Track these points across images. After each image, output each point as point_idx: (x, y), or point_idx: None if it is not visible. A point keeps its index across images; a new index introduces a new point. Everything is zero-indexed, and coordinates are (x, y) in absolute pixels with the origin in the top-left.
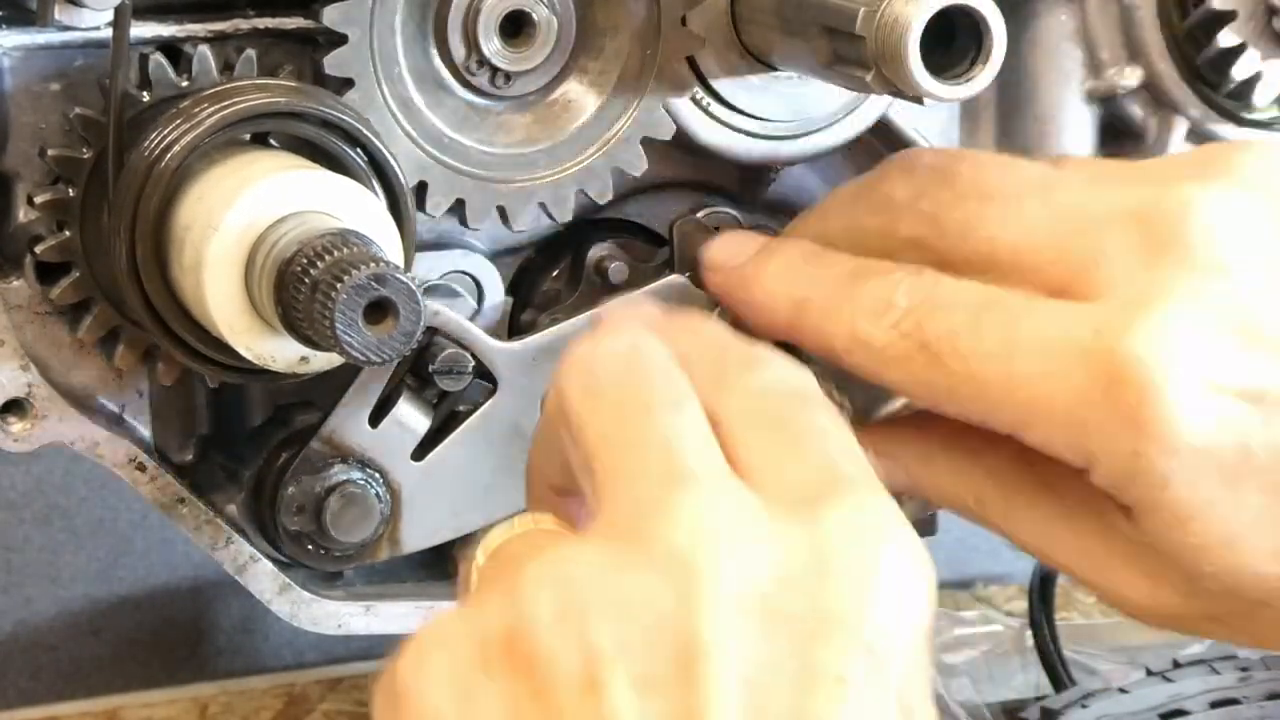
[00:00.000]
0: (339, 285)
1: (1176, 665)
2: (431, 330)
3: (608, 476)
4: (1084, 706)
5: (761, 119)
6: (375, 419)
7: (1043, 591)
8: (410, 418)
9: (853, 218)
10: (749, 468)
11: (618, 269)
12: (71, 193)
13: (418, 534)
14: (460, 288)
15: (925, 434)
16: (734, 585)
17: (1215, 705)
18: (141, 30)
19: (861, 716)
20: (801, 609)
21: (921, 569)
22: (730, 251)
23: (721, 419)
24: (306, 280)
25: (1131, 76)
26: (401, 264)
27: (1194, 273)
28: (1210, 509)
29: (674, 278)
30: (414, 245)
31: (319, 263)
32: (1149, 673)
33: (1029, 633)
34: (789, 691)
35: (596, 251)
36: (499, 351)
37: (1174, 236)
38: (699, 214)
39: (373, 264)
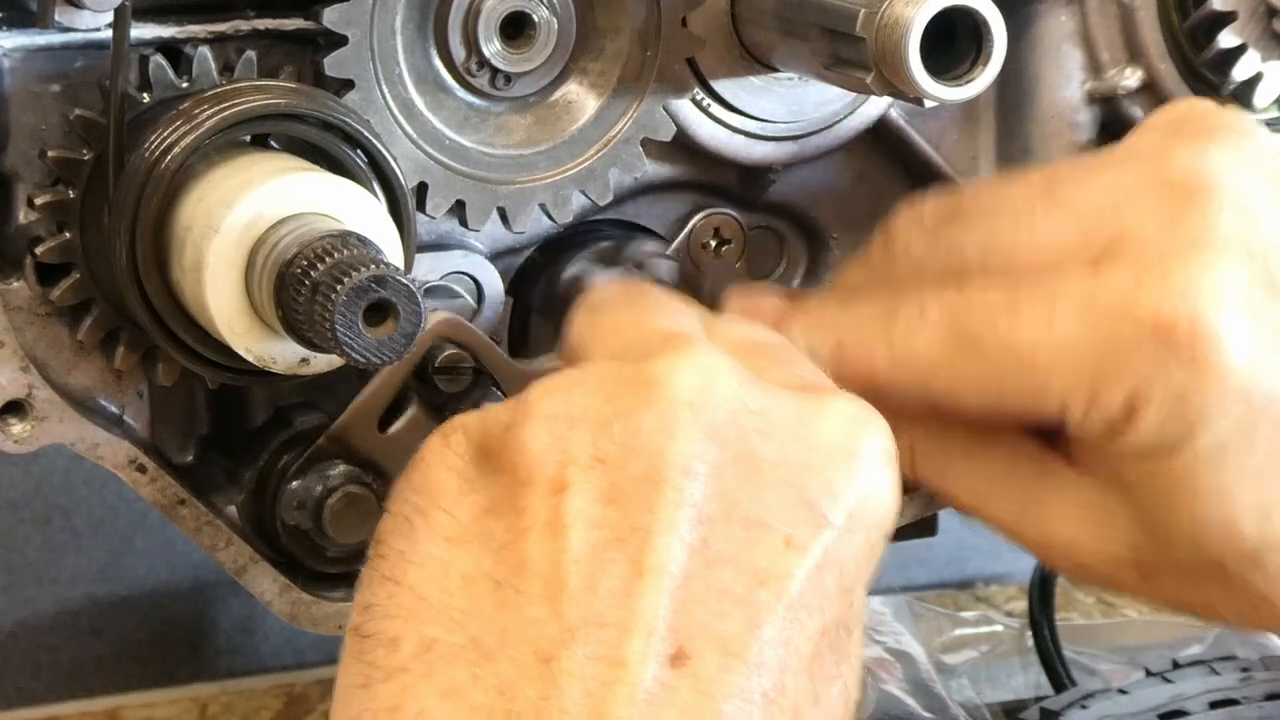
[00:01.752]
0: (339, 287)
1: (1176, 666)
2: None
3: (612, 349)
4: (1084, 707)
5: (761, 120)
6: (384, 424)
7: (1043, 592)
8: (419, 423)
9: (875, 278)
10: None
11: None
12: (71, 194)
13: None
14: (460, 288)
15: (858, 390)
16: (715, 414)
17: (1215, 706)
18: (141, 32)
19: (799, 582)
20: (775, 458)
21: (894, 469)
22: (756, 308)
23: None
24: (307, 282)
25: (1132, 77)
26: (402, 265)
27: (1222, 213)
28: (1223, 455)
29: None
30: (414, 246)
31: (319, 264)
32: (1149, 673)
33: (1029, 633)
34: (737, 537)
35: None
36: (511, 366)
37: (1196, 187)
38: (699, 215)
39: (373, 266)
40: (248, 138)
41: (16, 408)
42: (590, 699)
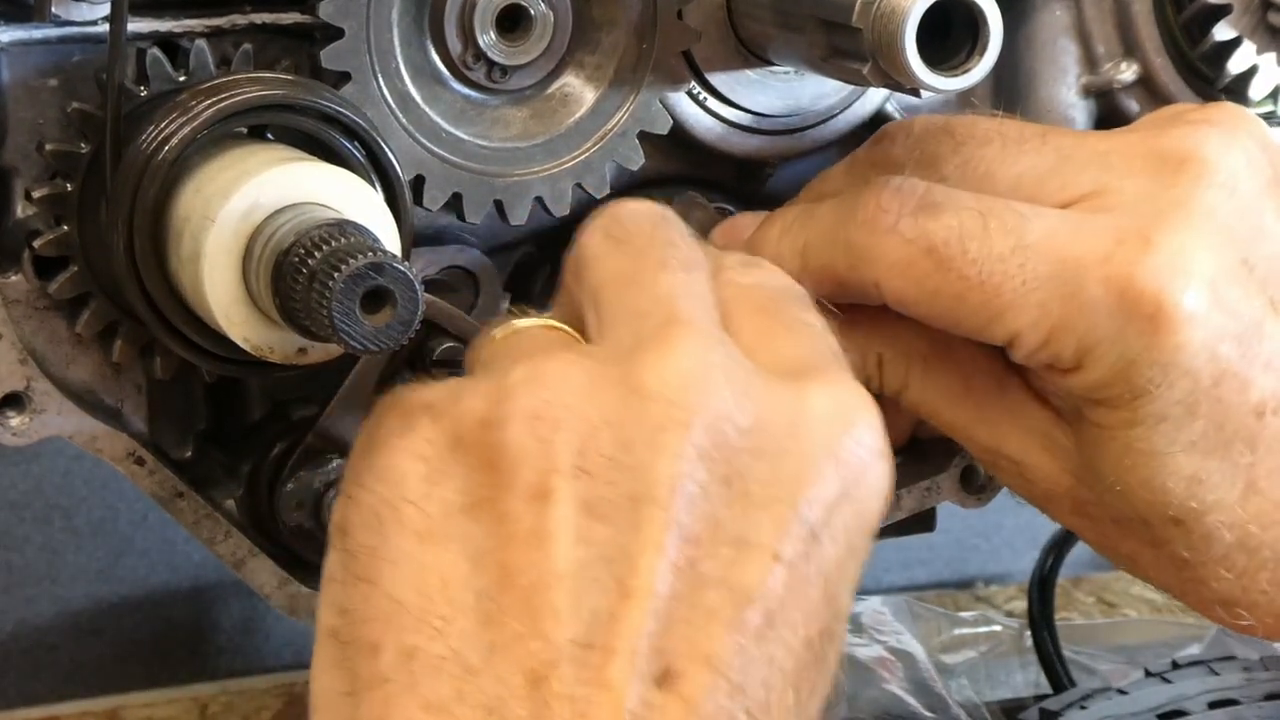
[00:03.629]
0: (336, 275)
1: (1176, 666)
2: (428, 323)
3: (611, 309)
4: (1083, 707)
5: (758, 113)
6: None
7: (1042, 592)
8: None
9: (852, 179)
10: (742, 342)
11: None
12: (69, 187)
13: None
14: (457, 283)
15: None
16: (705, 435)
17: (1214, 706)
18: (138, 25)
19: (786, 597)
20: (762, 475)
21: (884, 462)
22: (737, 227)
23: (720, 301)
24: (304, 270)
25: (1127, 71)
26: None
27: (1210, 188)
28: (1161, 423)
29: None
30: (411, 237)
31: (316, 253)
32: (1148, 673)
33: (1028, 633)
34: (724, 556)
35: None
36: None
37: (1188, 158)
38: None
39: (370, 253)
40: (244, 129)
41: (15, 400)
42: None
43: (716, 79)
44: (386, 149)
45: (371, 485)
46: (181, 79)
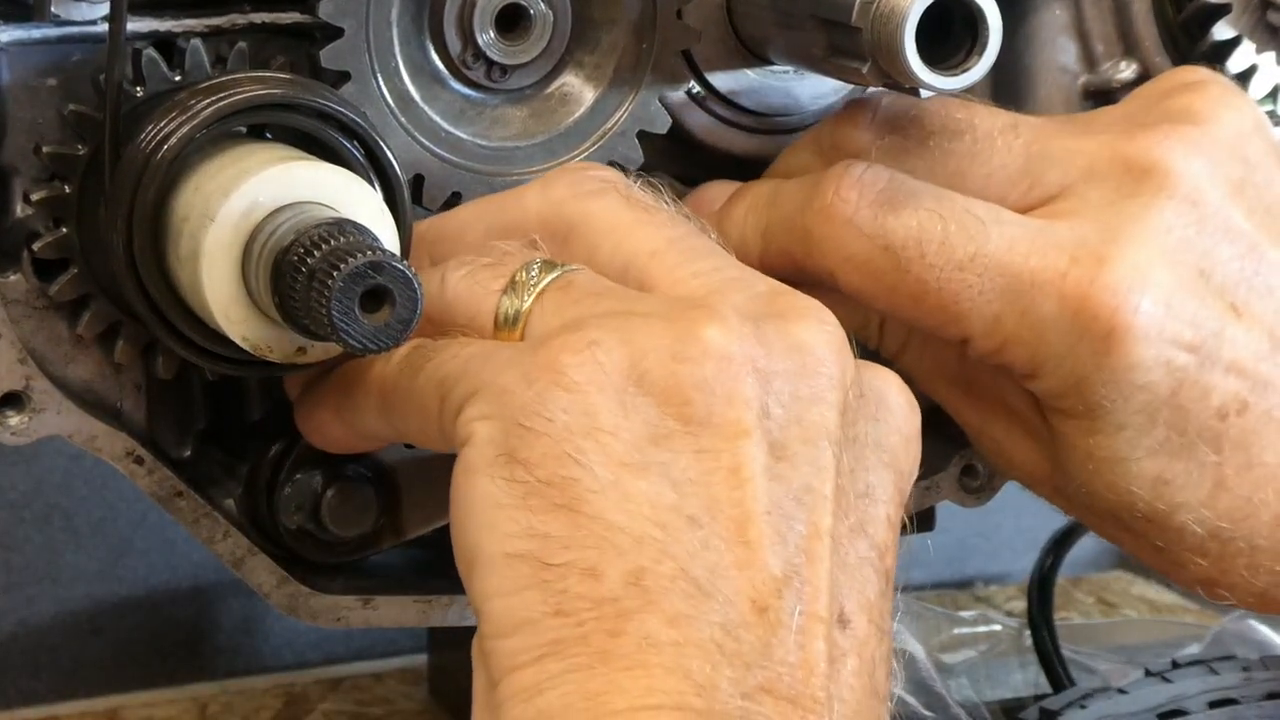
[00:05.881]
0: (335, 273)
1: (1175, 665)
2: None
3: (711, 276)
4: (1083, 707)
5: (757, 113)
6: None
7: (1042, 591)
8: None
9: (817, 156)
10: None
11: None
12: (67, 189)
13: (418, 520)
14: None
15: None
16: (846, 396)
17: (1214, 705)
18: (137, 25)
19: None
20: (873, 439)
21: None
22: (707, 198)
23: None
24: (303, 269)
25: (1127, 70)
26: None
27: (1169, 201)
28: (1121, 431)
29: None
30: (410, 237)
31: (315, 251)
32: (1148, 673)
33: (1028, 632)
34: (861, 510)
35: None
36: None
37: (1151, 169)
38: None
39: (369, 252)
40: (244, 129)
41: (14, 399)
42: (801, 651)
43: (716, 78)
44: (386, 148)
45: (555, 414)
46: (177, 79)
